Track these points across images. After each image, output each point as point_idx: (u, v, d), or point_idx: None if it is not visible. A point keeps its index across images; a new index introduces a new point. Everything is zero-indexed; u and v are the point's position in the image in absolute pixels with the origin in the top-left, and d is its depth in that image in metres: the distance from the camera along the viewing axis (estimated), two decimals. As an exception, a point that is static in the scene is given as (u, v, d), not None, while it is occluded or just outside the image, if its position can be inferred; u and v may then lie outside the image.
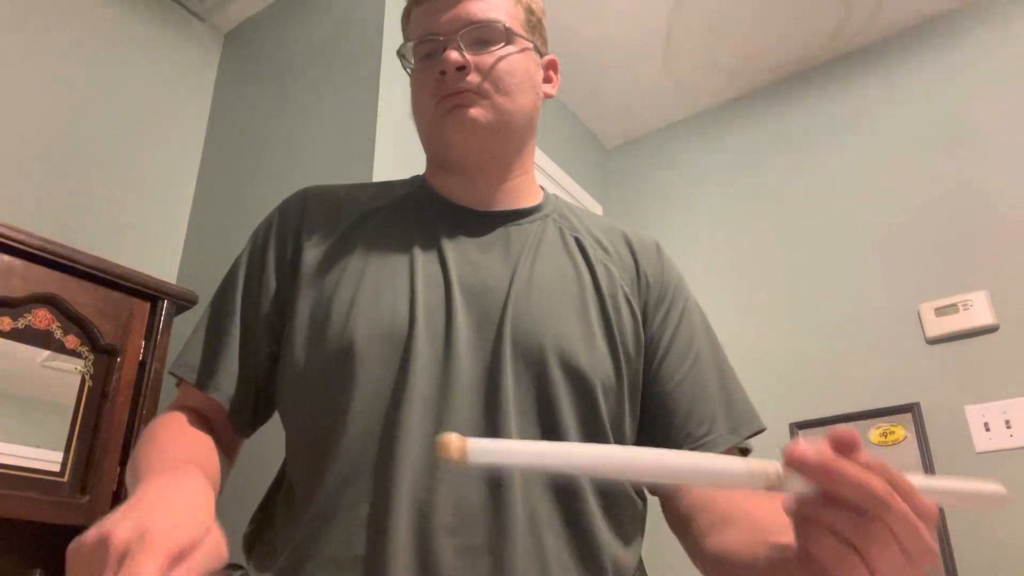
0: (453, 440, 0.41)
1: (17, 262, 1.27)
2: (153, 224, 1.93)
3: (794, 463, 0.43)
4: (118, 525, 0.45)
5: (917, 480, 0.44)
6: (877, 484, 0.41)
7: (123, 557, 0.44)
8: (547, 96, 0.86)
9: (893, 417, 1.87)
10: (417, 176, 0.88)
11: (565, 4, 2.15)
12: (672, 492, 0.74)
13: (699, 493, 0.71)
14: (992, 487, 0.47)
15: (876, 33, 2.28)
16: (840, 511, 0.42)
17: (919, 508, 0.42)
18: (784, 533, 0.51)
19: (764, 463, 0.44)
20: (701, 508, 0.68)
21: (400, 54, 0.82)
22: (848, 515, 0.42)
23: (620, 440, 0.72)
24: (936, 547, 0.43)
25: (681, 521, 0.71)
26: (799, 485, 0.43)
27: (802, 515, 0.45)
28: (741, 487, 0.45)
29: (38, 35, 1.78)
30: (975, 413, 1.77)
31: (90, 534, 0.46)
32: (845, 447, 0.43)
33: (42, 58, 1.77)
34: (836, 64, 2.36)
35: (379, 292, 0.72)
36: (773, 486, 0.43)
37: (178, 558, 0.45)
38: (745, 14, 2.22)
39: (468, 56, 0.76)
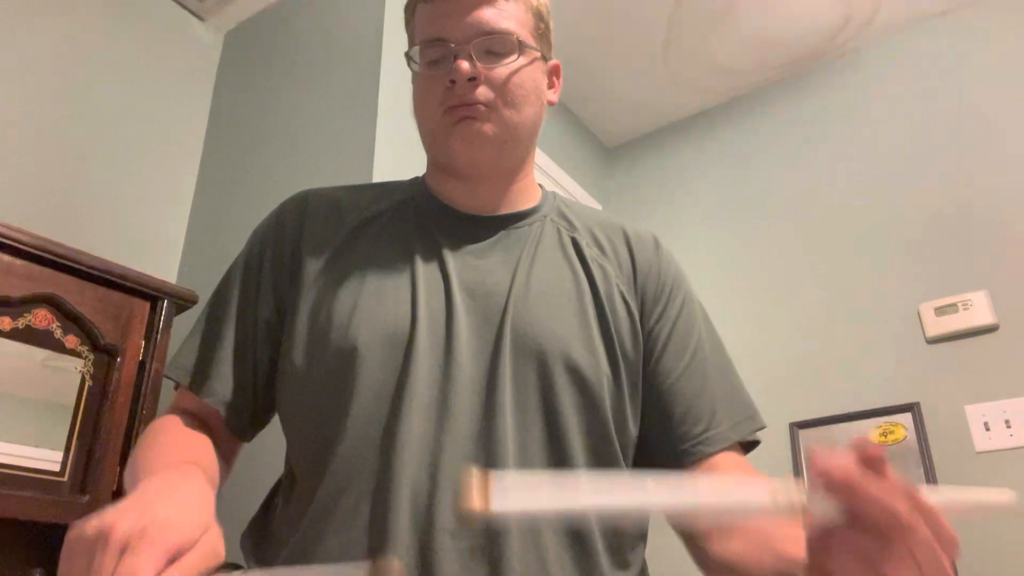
0: (476, 479, 0.39)
1: (17, 262, 1.27)
2: (153, 224, 1.93)
3: (820, 475, 0.42)
4: (119, 520, 0.46)
5: (934, 497, 0.43)
6: (902, 507, 0.41)
7: (123, 551, 0.45)
8: (550, 103, 0.85)
9: (893, 417, 1.87)
10: (417, 178, 0.88)
11: (565, 4, 2.15)
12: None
13: None
14: (1002, 496, 0.46)
15: (875, 33, 2.28)
16: (862, 532, 0.41)
17: (942, 534, 0.41)
18: (792, 544, 0.51)
19: (787, 489, 0.42)
20: None
21: (407, 55, 0.81)
22: (870, 537, 0.41)
23: (624, 439, 0.72)
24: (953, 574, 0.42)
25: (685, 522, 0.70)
26: (822, 508, 0.42)
27: (821, 533, 0.44)
28: (764, 515, 0.43)
29: (37, 35, 1.78)
30: (975, 413, 1.77)
31: (91, 524, 0.47)
32: (872, 463, 0.42)
33: (42, 58, 1.77)
34: (836, 64, 2.36)
35: (381, 296, 0.72)
36: (796, 513, 0.42)
37: (176, 556, 0.46)
38: (745, 14, 2.22)
39: (479, 67, 0.74)
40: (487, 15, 0.76)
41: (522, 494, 0.41)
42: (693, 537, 0.69)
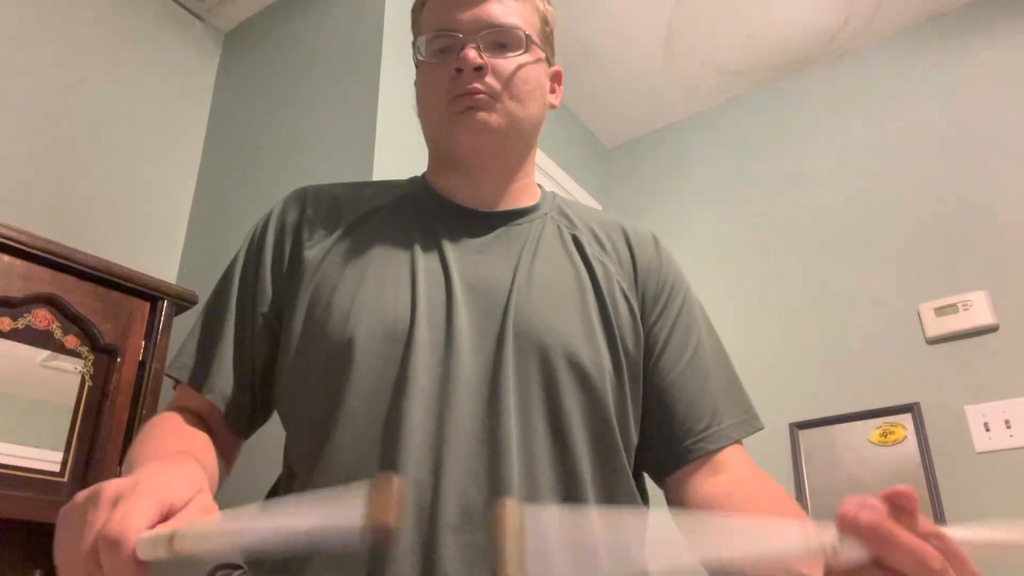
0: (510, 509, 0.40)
1: (17, 262, 1.26)
2: (153, 224, 1.93)
3: (847, 525, 0.41)
4: (110, 481, 0.47)
5: (962, 534, 0.42)
6: (932, 556, 0.40)
7: (115, 502, 0.45)
8: (551, 107, 0.86)
9: (893, 417, 1.87)
10: (416, 176, 0.88)
11: (565, 3, 2.15)
12: (678, 489, 0.74)
13: (707, 492, 0.71)
14: None
15: (876, 34, 2.28)
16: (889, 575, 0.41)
17: None
18: (805, 562, 0.50)
19: (820, 532, 0.42)
20: (710, 509, 0.68)
21: (415, 45, 0.82)
22: None
23: (626, 435, 0.72)
24: None
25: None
26: (853, 553, 0.41)
27: (846, 572, 0.43)
28: (796, 558, 0.43)
29: (37, 35, 1.78)
30: (975, 413, 1.77)
31: (82, 492, 0.47)
32: (901, 509, 0.41)
33: (42, 58, 1.77)
34: (836, 65, 2.36)
35: (381, 289, 0.72)
36: (828, 557, 0.42)
37: (168, 513, 0.46)
38: (744, 14, 2.22)
39: (486, 57, 0.76)
40: (495, 10, 0.78)
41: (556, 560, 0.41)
42: None
